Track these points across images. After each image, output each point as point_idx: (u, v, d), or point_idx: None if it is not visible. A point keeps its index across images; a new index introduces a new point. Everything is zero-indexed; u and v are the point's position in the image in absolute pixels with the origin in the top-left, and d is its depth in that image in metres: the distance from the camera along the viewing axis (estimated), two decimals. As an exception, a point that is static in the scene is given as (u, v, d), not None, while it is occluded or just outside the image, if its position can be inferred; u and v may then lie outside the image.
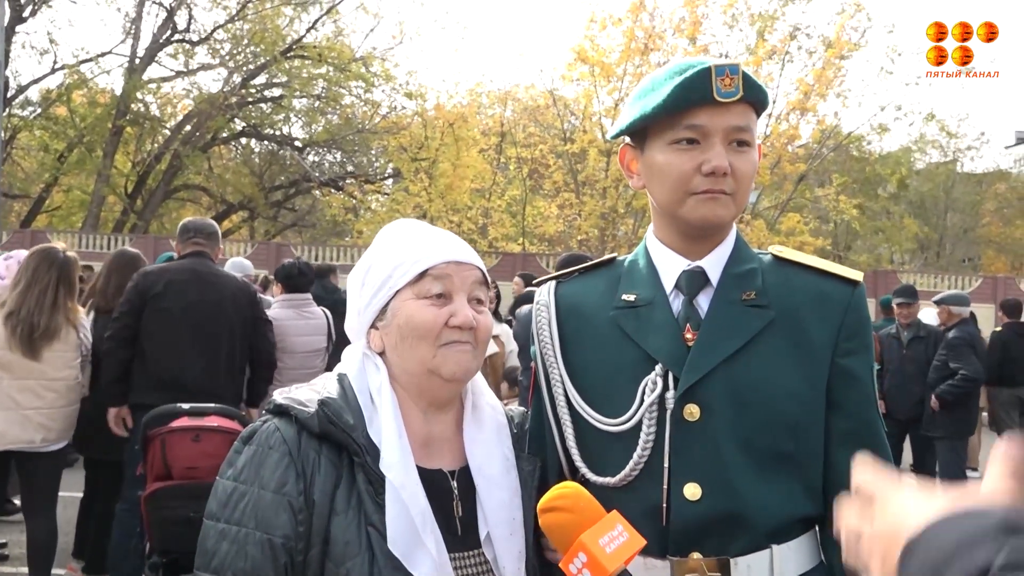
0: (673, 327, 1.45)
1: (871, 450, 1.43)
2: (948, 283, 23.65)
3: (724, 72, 1.39)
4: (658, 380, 1.41)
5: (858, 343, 1.46)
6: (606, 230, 25.10)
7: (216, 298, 4.54)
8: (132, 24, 26.37)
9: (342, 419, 1.32)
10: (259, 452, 1.32)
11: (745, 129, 1.42)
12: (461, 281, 1.40)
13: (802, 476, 1.42)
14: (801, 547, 1.43)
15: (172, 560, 3.52)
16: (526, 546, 1.41)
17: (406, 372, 1.39)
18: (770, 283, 1.47)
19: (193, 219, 4.99)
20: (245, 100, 27.43)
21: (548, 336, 1.55)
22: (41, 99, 26.93)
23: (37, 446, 4.16)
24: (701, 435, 1.39)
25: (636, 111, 1.47)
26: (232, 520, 1.29)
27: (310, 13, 26.92)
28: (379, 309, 1.41)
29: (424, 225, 1.50)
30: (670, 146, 1.43)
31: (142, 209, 27.51)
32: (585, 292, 1.57)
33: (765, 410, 1.39)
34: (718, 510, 1.38)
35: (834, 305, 1.45)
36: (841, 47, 23.80)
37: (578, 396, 1.49)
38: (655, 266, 1.51)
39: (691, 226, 1.46)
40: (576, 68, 25.08)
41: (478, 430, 1.45)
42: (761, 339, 1.42)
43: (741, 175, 1.42)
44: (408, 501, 1.29)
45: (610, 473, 1.44)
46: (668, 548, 1.40)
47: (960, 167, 35.92)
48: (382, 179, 31.33)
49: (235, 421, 3.59)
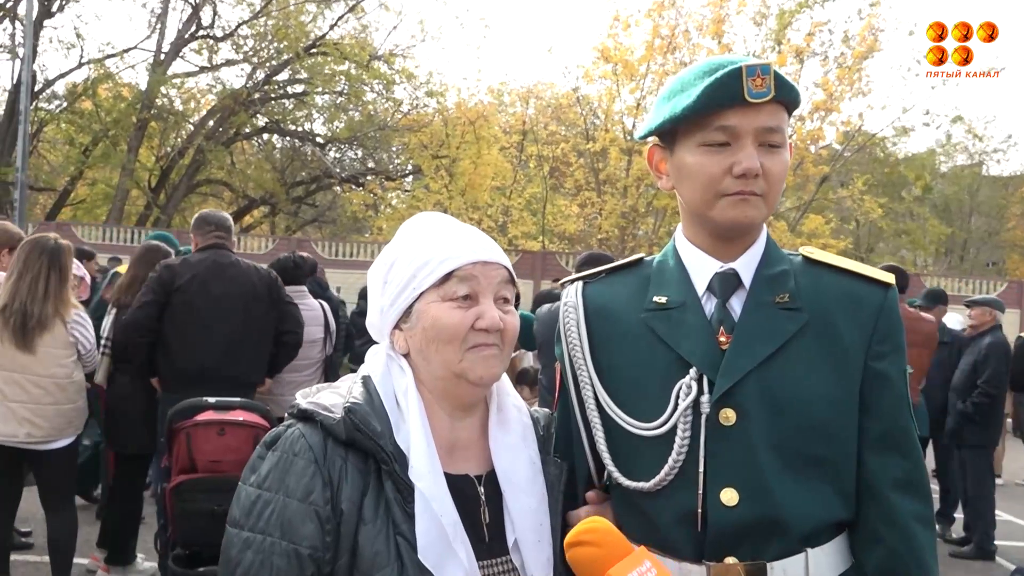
0: (707, 330, 1.43)
1: (903, 453, 1.42)
2: (972, 287, 23.39)
3: (755, 72, 1.36)
4: (692, 384, 1.39)
5: (891, 346, 1.44)
6: (626, 229, 25.02)
7: (240, 290, 4.56)
8: (157, 20, 26.58)
9: (369, 426, 1.29)
10: (284, 459, 1.29)
11: (776, 130, 1.40)
12: (487, 281, 1.37)
13: (836, 480, 1.40)
14: (834, 550, 1.42)
15: (195, 552, 3.55)
16: (554, 552, 1.39)
17: (432, 376, 1.37)
18: (802, 285, 1.45)
19: (210, 212, 5.01)
20: (268, 96, 27.58)
21: (577, 337, 1.52)
22: (67, 93, 27.19)
23: (22, 440, 4.06)
24: (737, 440, 1.38)
25: (665, 112, 1.45)
26: (257, 529, 1.26)
27: (333, 10, 27.04)
28: (403, 310, 1.38)
29: (448, 220, 1.47)
30: (700, 147, 1.41)
31: (165, 203, 27.73)
32: (614, 293, 1.55)
33: (800, 414, 1.38)
34: (755, 515, 1.36)
35: (867, 308, 1.44)
36: (865, 46, 23.55)
37: (608, 399, 1.47)
38: (685, 267, 1.49)
39: (722, 228, 1.44)
40: (599, 67, 25.01)
41: (504, 433, 1.42)
42: (795, 342, 1.40)
43: (772, 176, 1.40)
44: (439, 511, 1.26)
45: (644, 478, 1.42)
46: (704, 553, 1.38)
47: (986, 170, 35.54)
48: (402, 176, 31.40)
49: (260, 416, 3.61)
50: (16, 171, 17.63)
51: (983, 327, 7.05)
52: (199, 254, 4.66)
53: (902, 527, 1.40)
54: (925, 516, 1.43)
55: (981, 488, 6.85)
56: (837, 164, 26.56)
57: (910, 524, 1.40)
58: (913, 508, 1.41)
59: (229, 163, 28.57)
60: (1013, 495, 8.95)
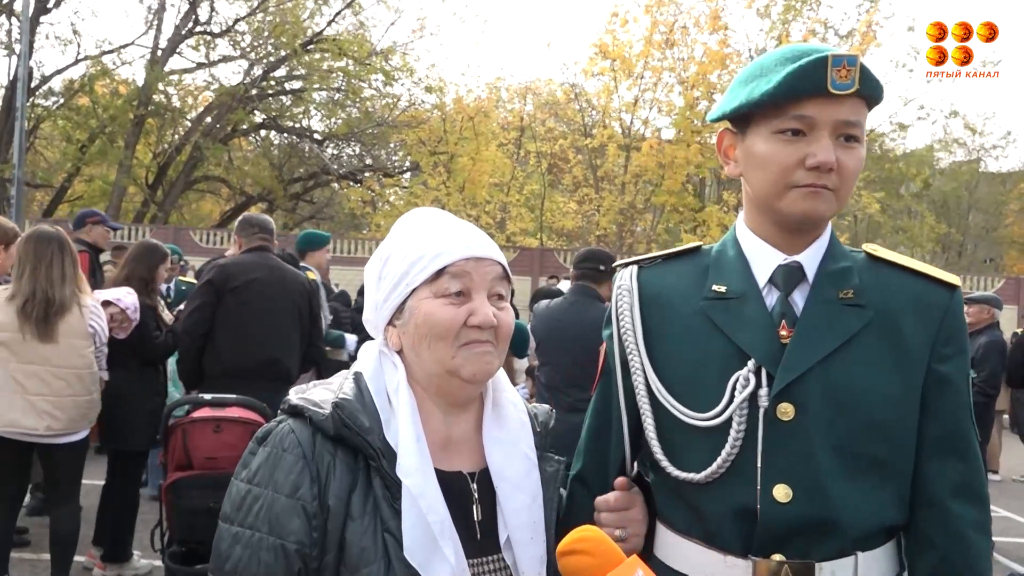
0: (767, 323, 1.39)
1: (962, 459, 1.39)
2: (970, 283, 23.41)
3: (841, 63, 1.32)
4: (750, 376, 1.36)
5: (955, 348, 1.41)
6: (624, 226, 25.04)
7: (290, 292, 4.66)
8: (154, 15, 26.53)
9: (357, 421, 1.28)
10: (273, 454, 1.29)
11: (855, 124, 1.36)
12: (480, 278, 1.35)
13: (892, 482, 1.38)
14: (885, 555, 1.39)
15: (191, 549, 3.54)
16: (548, 551, 1.37)
17: (425, 372, 1.35)
18: (866, 282, 1.41)
19: (254, 215, 5.12)
20: (265, 92, 27.54)
21: (630, 322, 1.48)
22: (64, 89, 27.12)
23: (42, 434, 4.07)
24: (794, 436, 1.34)
25: (742, 96, 1.40)
26: (246, 524, 1.26)
27: (331, 6, 27.00)
28: (396, 307, 1.37)
29: (443, 216, 1.44)
30: (774, 135, 1.37)
31: (162, 200, 27.70)
32: (671, 280, 1.51)
33: (860, 413, 1.34)
34: (808, 514, 1.33)
35: (932, 308, 1.40)
36: (864, 40, 23.55)
37: (661, 387, 1.43)
38: (746, 258, 1.45)
39: (789, 220, 1.40)
40: (597, 63, 25.00)
41: (499, 430, 1.41)
42: (858, 340, 1.37)
43: (847, 171, 1.36)
44: (426, 509, 1.25)
45: (694, 469, 1.39)
46: (752, 548, 1.36)
47: (984, 166, 35.57)
48: (400, 173, 31.38)
49: (256, 413, 3.60)
50: (13, 168, 17.61)
51: (980, 325, 7.04)
52: (248, 255, 4.72)
53: (957, 534, 1.37)
54: (982, 523, 1.40)
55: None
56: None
57: (966, 531, 1.37)
58: (970, 515, 1.38)
59: (226, 160, 28.54)
60: (1011, 491, 8.96)
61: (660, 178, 23.91)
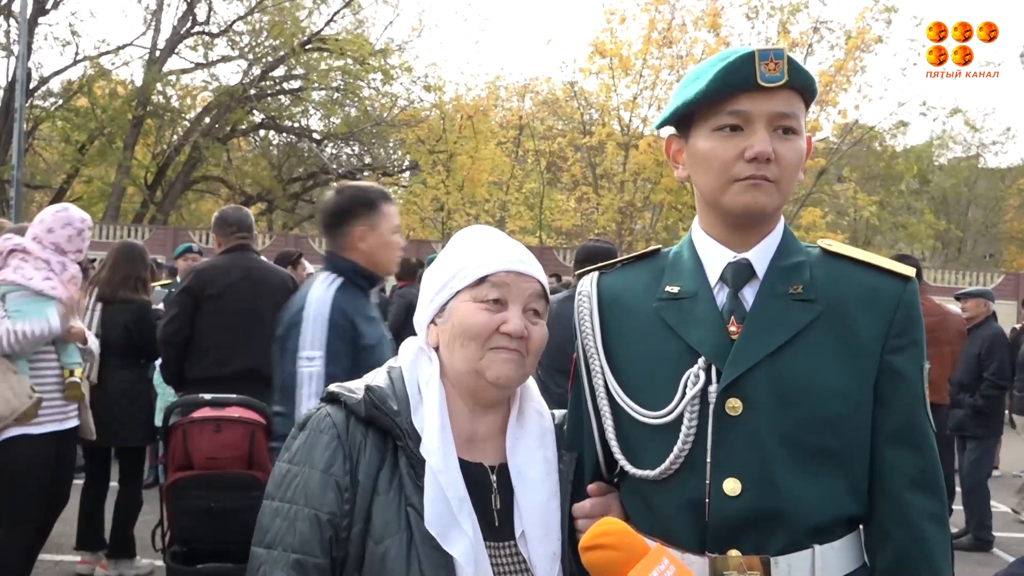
0: (716, 320, 1.42)
1: (917, 451, 1.40)
2: (969, 279, 23.44)
3: (768, 56, 1.36)
4: (700, 373, 1.38)
5: (908, 340, 1.41)
6: (623, 224, 25.02)
7: (270, 292, 4.40)
8: (153, 16, 26.57)
9: (386, 404, 1.40)
10: (311, 436, 1.41)
11: (790, 116, 1.39)
12: (519, 291, 1.46)
13: (847, 474, 1.38)
14: (844, 548, 1.39)
15: (191, 549, 3.55)
16: (562, 548, 1.43)
17: (455, 370, 1.46)
18: (818, 277, 1.43)
19: (230, 211, 4.77)
20: (264, 92, 27.54)
21: (590, 326, 1.52)
22: (63, 90, 27.15)
23: None
24: (742, 430, 1.36)
25: (679, 99, 1.45)
26: (285, 499, 1.38)
27: (329, 5, 27.01)
28: (439, 307, 1.49)
29: (497, 233, 1.55)
30: (714, 133, 1.40)
31: (162, 200, 27.70)
32: (628, 283, 1.55)
33: (809, 406, 1.36)
34: (757, 506, 1.34)
35: (884, 301, 1.41)
36: (863, 37, 23.51)
37: (618, 387, 1.47)
38: (700, 258, 1.48)
39: (734, 215, 1.42)
40: (594, 61, 24.98)
41: (521, 433, 1.49)
42: (807, 334, 1.38)
43: (786, 163, 1.39)
44: (445, 485, 1.35)
45: (649, 466, 1.41)
46: (706, 544, 1.37)
47: (984, 162, 35.58)
48: (400, 172, 31.41)
49: (257, 412, 3.60)
50: (12, 169, 17.61)
51: (978, 318, 7.07)
52: (226, 257, 4.50)
53: (913, 525, 1.38)
54: (938, 515, 1.40)
55: (979, 479, 6.87)
56: (835, 158, 26.57)
57: (922, 522, 1.38)
58: (926, 506, 1.39)
59: (225, 160, 28.57)
60: (1011, 486, 8.97)
61: (659, 176, 23.88)
